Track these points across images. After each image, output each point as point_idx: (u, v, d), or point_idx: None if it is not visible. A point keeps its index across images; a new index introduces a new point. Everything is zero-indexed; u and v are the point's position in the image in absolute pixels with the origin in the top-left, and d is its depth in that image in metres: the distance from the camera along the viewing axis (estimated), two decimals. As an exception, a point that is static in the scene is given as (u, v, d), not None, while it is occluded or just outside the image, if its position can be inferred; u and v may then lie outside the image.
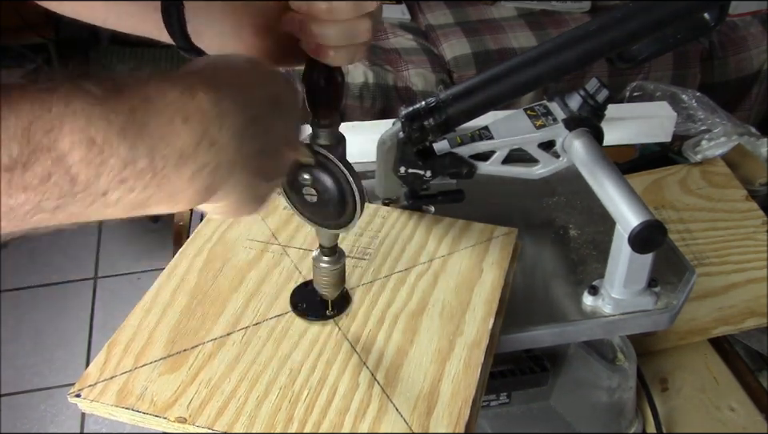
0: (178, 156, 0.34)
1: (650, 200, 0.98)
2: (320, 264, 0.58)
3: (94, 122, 0.31)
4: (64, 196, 0.31)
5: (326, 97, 0.48)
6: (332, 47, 0.44)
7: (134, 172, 0.32)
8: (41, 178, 0.30)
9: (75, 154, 0.30)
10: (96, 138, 0.31)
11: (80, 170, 0.31)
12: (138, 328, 0.59)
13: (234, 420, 0.51)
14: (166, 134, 0.33)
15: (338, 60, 0.45)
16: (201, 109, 0.35)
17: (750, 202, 1.00)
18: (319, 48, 0.44)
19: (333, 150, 0.49)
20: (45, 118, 0.30)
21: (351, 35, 0.44)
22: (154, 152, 0.33)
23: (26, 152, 0.29)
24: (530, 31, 1.86)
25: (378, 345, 0.58)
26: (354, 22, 0.43)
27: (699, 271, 0.74)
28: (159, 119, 0.33)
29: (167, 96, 0.34)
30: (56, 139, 0.30)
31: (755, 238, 0.95)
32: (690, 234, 0.96)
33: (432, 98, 0.67)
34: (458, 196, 0.75)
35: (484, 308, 0.61)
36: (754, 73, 1.91)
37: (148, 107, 0.33)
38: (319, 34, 0.44)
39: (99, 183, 0.32)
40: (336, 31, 0.43)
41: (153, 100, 0.33)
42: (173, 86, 0.34)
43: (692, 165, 1.07)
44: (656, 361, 0.88)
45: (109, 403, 0.53)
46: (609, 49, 0.65)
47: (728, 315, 0.87)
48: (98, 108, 0.31)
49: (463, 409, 0.52)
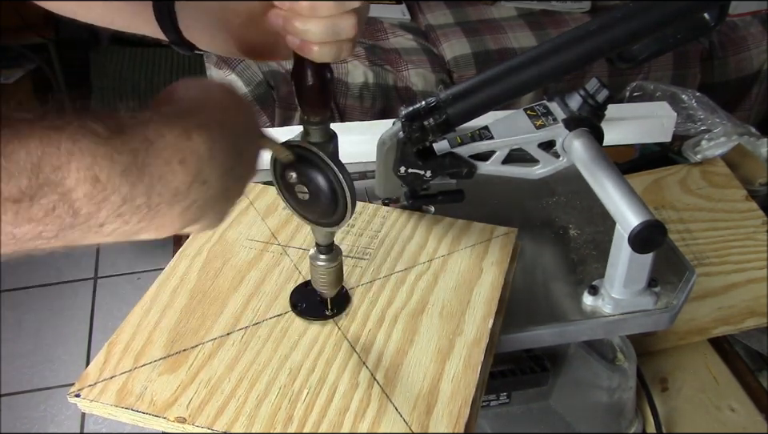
0: (173, 194, 0.36)
1: (649, 200, 0.98)
2: (317, 262, 0.58)
3: (99, 162, 0.33)
4: (65, 228, 0.33)
5: (315, 94, 0.48)
6: (316, 43, 0.44)
7: (131, 208, 0.35)
8: (46, 210, 0.32)
9: (80, 191, 0.32)
10: (100, 176, 0.33)
11: (82, 205, 0.33)
12: (138, 328, 0.59)
13: (233, 420, 0.51)
14: (164, 174, 0.36)
15: (323, 57, 0.45)
16: (196, 151, 0.37)
17: (749, 202, 1.00)
18: (303, 44, 0.45)
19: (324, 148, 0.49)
20: (54, 154, 0.31)
21: (335, 32, 0.44)
22: (152, 190, 0.35)
23: (34, 186, 0.31)
24: (529, 31, 1.87)
25: (378, 345, 0.58)
26: (337, 18, 0.44)
27: (699, 271, 0.74)
28: (158, 160, 0.35)
29: (165, 138, 0.36)
30: (63, 176, 0.32)
31: (755, 238, 0.95)
32: (690, 234, 0.96)
33: (432, 98, 0.67)
34: (457, 196, 0.75)
35: (484, 308, 0.61)
36: (753, 73, 1.91)
37: (149, 149, 0.35)
38: (302, 30, 0.44)
39: (98, 216, 0.34)
40: (319, 28, 0.44)
41: (153, 142, 0.35)
42: (170, 129, 0.37)
43: (692, 165, 1.07)
44: (656, 361, 0.88)
45: (108, 403, 0.53)
46: (609, 49, 0.65)
47: (728, 315, 0.87)
48: (103, 148, 0.33)
49: (463, 408, 0.52)
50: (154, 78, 2.24)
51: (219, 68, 1.71)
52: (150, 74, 2.24)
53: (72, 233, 0.34)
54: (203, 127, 0.38)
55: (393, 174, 0.71)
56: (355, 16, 0.44)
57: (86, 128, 0.33)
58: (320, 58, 0.45)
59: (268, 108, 1.71)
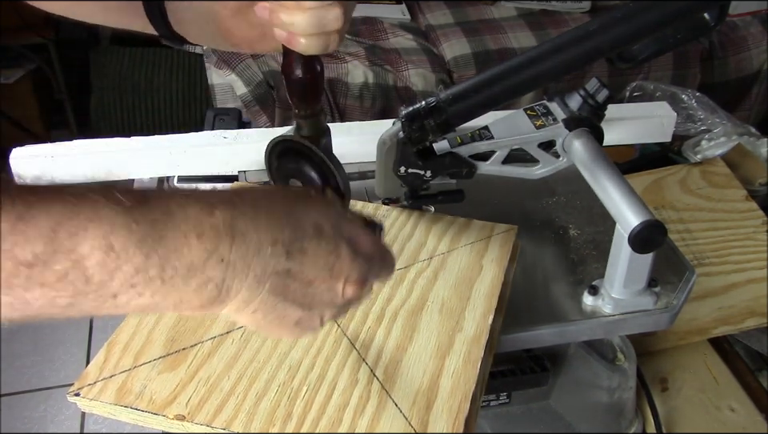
0: (187, 269, 0.36)
1: (649, 200, 0.98)
2: None
3: (116, 230, 0.33)
4: (77, 295, 0.33)
5: (305, 86, 0.48)
6: (302, 35, 0.44)
7: (144, 278, 0.34)
8: (58, 276, 0.32)
9: (93, 258, 0.32)
10: (115, 244, 0.33)
11: (95, 273, 0.33)
12: (137, 328, 0.59)
13: (232, 417, 0.51)
14: (180, 246, 0.35)
15: (309, 49, 0.45)
16: (215, 226, 0.36)
17: (749, 202, 0.99)
18: (290, 37, 0.45)
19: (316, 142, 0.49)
20: (73, 221, 0.32)
21: (320, 24, 0.44)
22: (166, 262, 0.35)
23: (48, 251, 0.31)
24: (529, 31, 1.87)
25: (378, 341, 0.58)
26: (323, 9, 0.44)
27: (699, 271, 0.74)
28: (175, 233, 0.35)
29: (187, 211, 0.36)
30: (78, 243, 0.32)
31: (755, 238, 0.95)
32: (690, 234, 0.96)
33: (432, 98, 0.67)
34: (457, 196, 0.75)
35: (484, 304, 0.61)
36: (753, 73, 1.91)
37: (167, 220, 0.35)
38: (288, 22, 0.44)
39: (111, 286, 0.33)
40: (305, 19, 0.44)
41: (173, 214, 0.35)
42: (195, 202, 0.36)
43: (692, 165, 1.07)
44: (656, 361, 0.88)
45: (108, 401, 0.53)
46: (609, 49, 0.65)
47: (728, 315, 0.87)
48: (123, 217, 0.33)
49: (463, 404, 0.52)
50: (154, 78, 2.23)
51: (219, 68, 1.71)
52: (149, 74, 2.24)
53: (86, 302, 0.33)
54: (228, 204, 0.37)
55: (393, 174, 0.71)
56: (341, 7, 0.44)
57: (110, 197, 0.33)
58: (307, 50, 0.45)
59: (268, 108, 1.71)
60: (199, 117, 2.19)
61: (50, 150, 0.85)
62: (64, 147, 0.86)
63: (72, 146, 0.86)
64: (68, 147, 0.86)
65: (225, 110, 1.03)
